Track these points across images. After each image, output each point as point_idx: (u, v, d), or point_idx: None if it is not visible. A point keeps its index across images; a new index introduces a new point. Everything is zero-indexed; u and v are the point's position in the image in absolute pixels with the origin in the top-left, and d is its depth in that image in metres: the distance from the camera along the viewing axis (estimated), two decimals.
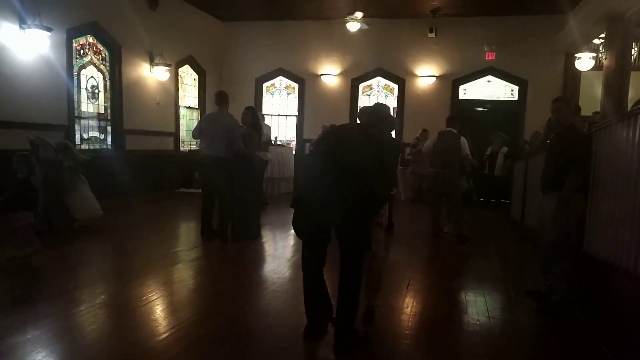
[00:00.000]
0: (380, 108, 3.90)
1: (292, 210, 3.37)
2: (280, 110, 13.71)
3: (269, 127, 10.58)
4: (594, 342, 3.52)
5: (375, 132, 3.47)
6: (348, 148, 3.26)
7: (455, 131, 7.27)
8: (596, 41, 10.36)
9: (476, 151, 7.62)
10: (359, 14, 10.02)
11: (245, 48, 13.33)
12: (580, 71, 10.43)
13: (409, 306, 4.24)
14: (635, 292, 3.14)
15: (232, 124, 6.68)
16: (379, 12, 11.15)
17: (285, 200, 11.34)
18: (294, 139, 13.60)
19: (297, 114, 13.51)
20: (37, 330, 3.34)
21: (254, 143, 6.87)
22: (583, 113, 7.88)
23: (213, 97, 7.45)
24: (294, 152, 13.01)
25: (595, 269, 3.95)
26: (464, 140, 7.24)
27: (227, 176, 6.50)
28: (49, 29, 7.42)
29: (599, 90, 8.72)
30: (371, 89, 13.04)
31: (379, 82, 12.89)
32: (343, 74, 12.94)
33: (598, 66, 9.82)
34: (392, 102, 12.66)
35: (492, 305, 4.38)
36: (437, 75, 12.30)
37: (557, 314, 4.05)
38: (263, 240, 6.79)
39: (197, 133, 6.90)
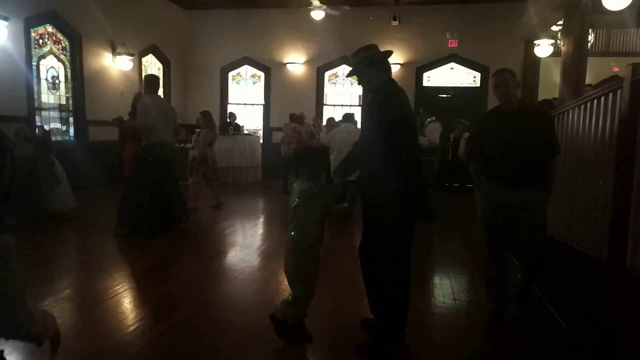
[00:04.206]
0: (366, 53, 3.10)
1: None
2: (246, 99, 13.63)
3: None
4: (553, 318, 3.67)
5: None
6: None
7: (434, 119, 7.77)
8: (554, 28, 10.61)
9: (440, 137, 7.99)
10: (316, 2, 10.00)
11: (210, 37, 13.16)
12: (540, 58, 10.68)
13: None
14: (588, 271, 3.28)
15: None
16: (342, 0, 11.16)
17: (253, 189, 11.38)
18: (261, 127, 13.56)
19: (263, 102, 13.46)
20: None
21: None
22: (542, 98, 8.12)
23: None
24: (261, 141, 12.98)
25: (554, 249, 4.10)
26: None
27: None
28: (5, 18, 7.21)
29: (557, 76, 8.96)
30: (337, 77, 13.08)
31: (344, 70, 12.92)
32: (309, 62, 12.94)
33: (556, 52, 10.05)
34: (358, 90, 12.79)
35: (458, 287, 4.51)
36: (401, 62, 12.40)
37: (518, 294, 4.19)
38: (232, 229, 6.77)
39: (151, 122, 6.05)
